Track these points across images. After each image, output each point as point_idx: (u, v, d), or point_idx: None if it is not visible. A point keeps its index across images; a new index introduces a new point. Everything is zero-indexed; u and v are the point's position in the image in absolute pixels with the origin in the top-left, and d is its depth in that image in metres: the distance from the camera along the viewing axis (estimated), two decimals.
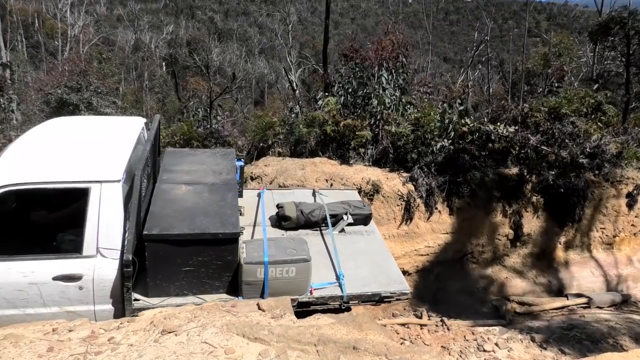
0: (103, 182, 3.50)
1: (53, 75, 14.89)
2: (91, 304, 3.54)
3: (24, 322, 3.37)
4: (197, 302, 3.70)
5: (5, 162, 3.58)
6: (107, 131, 4.44)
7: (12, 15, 29.09)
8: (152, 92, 32.25)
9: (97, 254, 3.51)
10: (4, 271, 3.36)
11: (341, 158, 8.58)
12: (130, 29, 42.22)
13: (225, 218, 3.82)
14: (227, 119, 10.76)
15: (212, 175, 4.61)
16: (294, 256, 3.85)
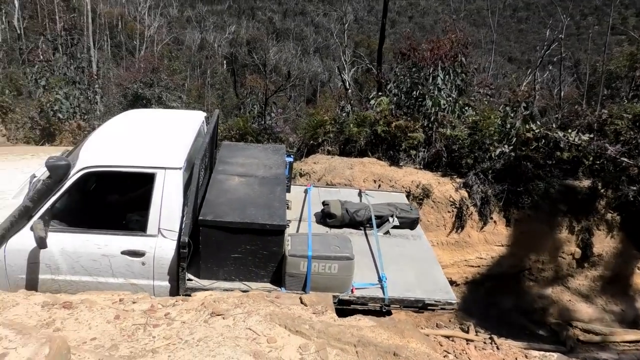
0: (167, 169, 3.78)
1: (130, 72, 15.87)
2: (151, 279, 3.84)
3: (96, 289, 3.72)
4: (242, 288, 3.85)
5: (87, 148, 3.96)
6: (172, 123, 4.78)
7: (101, 18, 31.19)
8: (213, 88, 33.46)
9: (158, 234, 3.80)
10: (82, 242, 3.74)
11: (391, 159, 8.50)
12: (197, 30, 43.89)
13: (274, 210, 3.95)
14: (280, 116, 10.99)
15: (263, 168, 4.77)
16: (337, 253, 3.89)
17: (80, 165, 3.73)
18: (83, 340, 2.84)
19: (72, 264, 3.76)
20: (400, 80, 9.78)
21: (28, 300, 3.34)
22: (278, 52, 39.28)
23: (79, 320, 3.09)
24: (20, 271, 3.72)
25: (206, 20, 46.48)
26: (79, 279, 3.80)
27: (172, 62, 18.79)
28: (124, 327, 3.01)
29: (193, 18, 47.73)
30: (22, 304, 3.27)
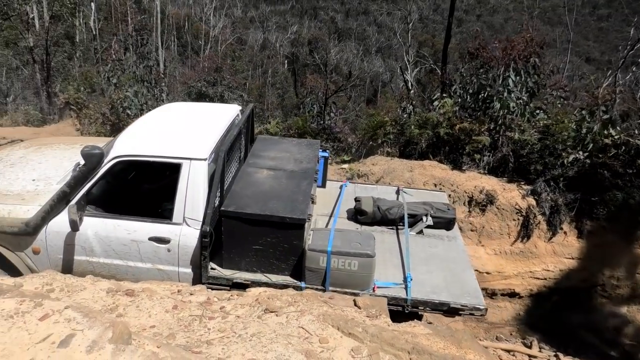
0: (192, 160, 3.94)
1: (195, 71, 16.56)
2: (176, 265, 4.03)
3: (126, 272, 4.02)
4: (263, 280, 3.94)
5: (121, 138, 4.23)
6: (206, 116, 4.98)
7: (169, 19, 32.91)
8: (273, 87, 34.18)
9: (183, 222, 3.97)
10: (114, 227, 3.98)
11: (453, 163, 8.30)
12: (259, 30, 45.00)
13: (296, 204, 3.99)
14: (340, 116, 11.03)
15: (293, 163, 4.83)
16: (358, 250, 3.85)
17: (112, 154, 3.99)
18: (143, 327, 2.99)
19: (104, 248, 4.03)
20: (467, 81, 9.52)
21: (94, 286, 3.56)
22: (339, 52, 39.43)
23: (139, 307, 3.27)
24: (59, 251, 4.03)
25: (269, 20, 47.52)
26: (111, 261, 4.06)
27: (235, 62, 19.42)
28: (181, 317, 3.13)
29: (256, 18, 48.94)
30: (89, 289, 3.50)
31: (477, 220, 7.49)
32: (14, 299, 2.53)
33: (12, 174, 4.52)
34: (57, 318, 2.37)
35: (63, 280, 3.59)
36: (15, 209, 4.00)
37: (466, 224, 7.49)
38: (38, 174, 4.52)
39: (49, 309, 2.44)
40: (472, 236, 7.54)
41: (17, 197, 4.13)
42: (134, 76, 11.51)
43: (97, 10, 30.48)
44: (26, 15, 19.59)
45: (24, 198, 4.12)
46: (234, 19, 45.72)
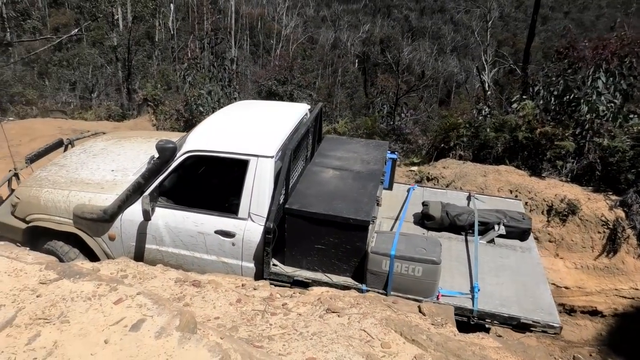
0: (259, 157, 4.06)
1: (266, 70, 17.04)
2: (239, 259, 4.17)
3: (192, 263, 4.22)
4: (324, 279, 3.96)
5: (194, 134, 4.44)
6: (275, 114, 5.12)
7: (242, 19, 34.16)
8: (343, 87, 34.36)
9: (248, 218, 4.10)
10: (182, 219, 4.20)
11: (531, 169, 7.90)
12: (331, 29, 45.40)
13: (361, 206, 3.97)
14: (410, 117, 10.86)
15: (360, 163, 4.82)
16: (423, 255, 3.76)
17: (185, 148, 4.20)
18: (207, 318, 3.11)
19: (173, 238, 4.25)
20: (550, 82, 9.02)
21: (164, 275, 3.78)
22: (412, 51, 38.90)
23: (205, 299, 3.42)
24: (132, 239, 4.31)
25: (341, 19, 47.75)
26: (179, 251, 4.28)
27: (306, 61, 19.76)
28: (244, 311, 3.23)
29: (328, 17, 49.39)
30: (159, 277, 3.71)
31: (556, 230, 7.09)
32: (92, 282, 2.73)
33: (93, 164, 4.88)
34: (129, 303, 2.54)
35: (136, 267, 3.83)
36: (95, 197, 4.32)
37: (544, 234, 7.12)
38: (117, 165, 4.87)
39: (122, 294, 2.61)
40: (550, 247, 7.16)
41: (97, 186, 4.46)
42: (209, 74, 12.00)
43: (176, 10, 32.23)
44: (112, 16, 21.08)
45: (103, 187, 4.45)
46: (306, 18, 46.45)
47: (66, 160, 5.07)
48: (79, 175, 4.66)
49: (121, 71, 21.01)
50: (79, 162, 4.99)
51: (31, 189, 4.52)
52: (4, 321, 2.35)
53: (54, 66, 24.39)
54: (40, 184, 4.56)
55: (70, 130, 10.68)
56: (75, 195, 4.36)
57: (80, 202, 4.30)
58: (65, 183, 4.53)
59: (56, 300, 2.53)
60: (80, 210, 4.25)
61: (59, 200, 4.35)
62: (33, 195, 4.45)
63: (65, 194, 4.37)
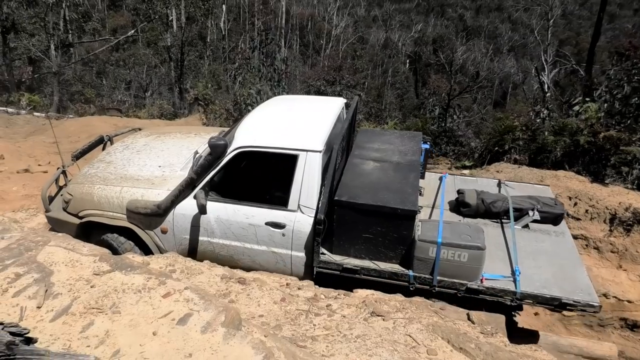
0: (308, 151, 4.21)
1: (315, 70, 17.18)
2: (289, 249, 4.31)
3: (242, 254, 4.41)
4: (371, 267, 4.08)
5: (241, 130, 4.60)
6: (315, 108, 5.29)
7: (293, 19, 34.66)
8: (393, 87, 34.09)
9: (297, 209, 4.25)
10: (233, 212, 4.36)
11: (593, 175, 7.57)
12: (382, 28, 45.15)
13: (406, 196, 4.12)
14: (463, 119, 10.63)
15: (398, 155, 4.96)
16: (468, 242, 3.88)
17: (235, 144, 4.35)
18: (252, 315, 3.18)
19: (224, 230, 4.41)
20: (615, 85, 8.60)
21: (210, 271, 3.92)
22: (467, 51, 38.04)
23: (250, 296, 3.51)
24: (185, 232, 4.50)
25: (392, 18, 47.38)
26: (230, 243, 4.44)
27: (355, 61, 19.79)
28: (288, 310, 3.28)
29: (379, 17, 49.09)
30: (206, 273, 3.86)
31: (620, 241, 6.76)
32: (142, 275, 2.86)
33: (139, 160, 5.07)
34: (177, 297, 2.64)
35: (183, 262, 4.01)
36: (147, 193, 4.51)
37: (605, 244, 6.80)
38: (163, 160, 5.03)
39: (171, 288, 2.72)
40: (612, 258, 6.82)
41: (148, 182, 4.64)
42: (258, 74, 12.23)
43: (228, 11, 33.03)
44: (166, 17, 21.88)
45: (153, 182, 4.63)
46: (357, 18, 46.37)
47: (112, 157, 5.26)
48: (128, 172, 4.85)
49: (174, 71, 21.77)
50: (125, 158, 5.18)
51: (83, 186, 4.72)
52: (61, 309, 2.50)
53: (111, 66, 25.61)
54: (91, 181, 4.76)
55: (124, 127, 11.18)
56: (127, 191, 4.55)
57: (133, 198, 4.49)
58: (116, 179, 4.73)
59: (108, 291, 2.67)
60: (134, 205, 4.43)
61: (112, 197, 4.55)
62: (86, 192, 4.66)
63: (117, 190, 4.57)
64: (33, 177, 7.62)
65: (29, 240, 3.18)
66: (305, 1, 45.69)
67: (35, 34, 18.57)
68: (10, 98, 15.00)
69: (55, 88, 17.02)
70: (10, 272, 2.77)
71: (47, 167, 8.02)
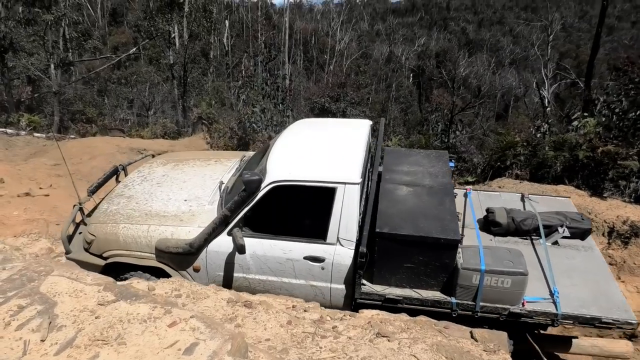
0: (347, 184, 4.17)
1: (319, 87, 17.33)
2: (329, 282, 4.27)
3: (280, 288, 4.33)
4: (413, 295, 4.07)
5: (273, 162, 4.49)
6: (343, 134, 5.16)
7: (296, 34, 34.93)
8: (397, 102, 34.27)
9: (337, 242, 4.21)
10: (270, 247, 4.30)
11: (592, 189, 7.66)
12: (385, 42, 45.49)
13: (446, 223, 4.08)
14: (466, 134, 10.72)
15: (429, 177, 4.90)
16: (511, 268, 3.90)
17: (269, 179, 4.27)
18: (258, 340, 3.24)
19: (260, 265, 4.35)
20: (614, 99, 8.70)
21: (216, 295, 3.90)
22: (469, 65, 38.27)
23: (256, 320, 3.53)
24: (218, 269, 4.42)
25: (396, 32, 47.77)
26: (266, 278, 4.37)
27: (359, 77, 19.97)
28: (294, 333, 3.34)
29: (383, 31, 49.53)
30: (212, 297, 3.84)
31: (618, 253, 6.82)
32: (147, 304, 2.89)
33: (162, 194, 4.89)
34: (183, 326, 2.68)
35: (189, 287, 3.96)
36: (177, 231, 4.37)
37: (604, 257, 6.87)
38: (187, 193, 4.87)
39: (177, 317, 2.76)
40: (611, 270, 6.89)
41: (176, 219, 4.49)
42: (262, 92, 12.36)
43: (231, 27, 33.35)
44: (168, 35, 22.07)
45: (182, 219, 4.48)
46: (360, 32, 46.76)
47: (131, 191, 5.07)
48: (153, 207, 4.69)
49: (177, 89, 21.90)
50: (146, 192, 5.00)
51: (106, 226, 4.55)
52: (65, 342, 2.52)
53: (112, 84, 25.71)
54: (115, 220, 4.58)
55: (128, 148, 11.16)
56: (155, 229, 4.41)
57: (162, 237, 4.36)
58: (141, 217, 4.57)
59: (113, 322, 2.69)
60: (164, 244, 4.31)
61: (139, 236, 4.41)
62: (110, 232, 4.49)
63: (144, 229, 4.43)
64: (34, 201, 7.50)
65: (31, 270, 3.17)
66: (309, 16, 46.19)
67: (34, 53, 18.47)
68: (9, 119, 14.77)
69: (55, 108, 16.98)
70: (12, 304, 2.77)
71: (49, 190, 7.93)
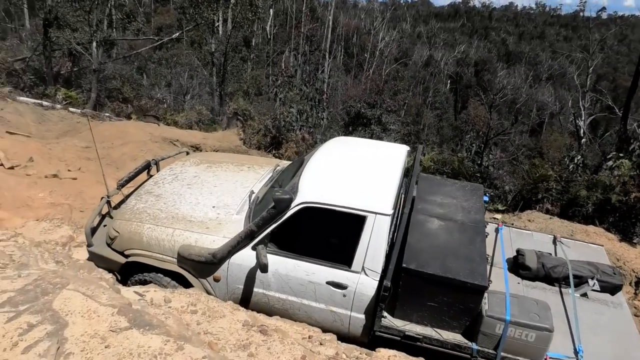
0: (377, 214, 4.09)
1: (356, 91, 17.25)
2: (349, 310, 4.21)
3: (299, 309, 4.28)
4: (434, 336, 4.00)
5: (304, 182, 4.43)
6: (380, 160, 5.06)
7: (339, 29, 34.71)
8: (432, 107, 33.89)
9: (362, 271, 4.14)
10: (293, 267, 4.26)
11: (622, 233, 7.45)
12: (426, 46, 44.94)
13: (474, 266, 3.98)
14: (501, 159, 10.56)
15: (461, 212, 4.77)
16: (537, 322, 3.78)
17: (300, 199, 4.19)
18: None
19: (281, 284, 4.31)
20: None
21: (232, 315, 3.83)
22: (506, 76, 37.52)
23: (270, 350, 3.45)
24: (239, 282, 4.39)
25: (437, 37, 47.17)
26: (286, 297, 4.31)
27: (397, 82, 19.82)
28: None
29: (424, 34, 48.96)
30: (227, 317, 3.77)
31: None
32: (160, 336, 2.81)
33: (191, 197, 4.86)
34: None
35: (206, 302, 3.91)
36: (202, 238, 4.35)
37: (629, 308, 6.72)
38: (216, 199, 4.83)
39: (188, 356, 2.71)
40: (636, 322, 6.74)
41: (202, 225, 4.47)
42: (300, 93, 12.39)
43: (275, 16, 33.34)
44: (212, 23, 22.10)
45: (208, 227, 4.45)
46: (402, 34, 46.28)
47: (161, 189, 5.06)
48: (180, 210, 4.67)
49: (215, 76, 22.00)
50: (175, 192, 4.99)
51: (131, 224, 4.55)
52: None
53: (152, 63, 25.91)
54: (140, 219, 4.59)
55: (160, 137, 10.91)
56: (180, 234, 4.39)
57: (186, 243, 4.34)
58: (167, 219, 4.56)
59: (123, 355, 2.61)
60: (187, 251, 4.29)
61: (162, 239, 4.40)
62: (134, 231, 4.49)
63: (169, 233, 4.41)
64: (61, 184, 7.34)
65: (46, 281, 3.09)
66: (352, 12, 45.87)
67: (78, 28, 18.47)
68: (46, 91, 14.81)
69: (93, 85, 16.96)
70: (23, 321, 2.69)
71: (77, 173, 7.76)
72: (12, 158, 7.74)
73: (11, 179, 6.92)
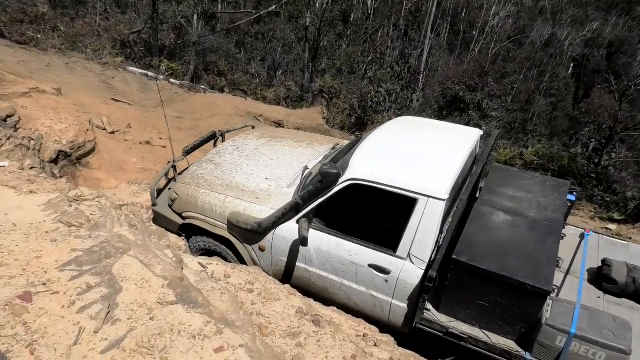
0: (430, 198, 3.94)
1: (456, 71, 16.50)
2: (390, 297, 4.18)
3: (339, 289, 4.38)
4: (481, 337, 3.79)
5: (357, 159, 4.42)
6: (445, 142, 4.89)
7: (446, 4, 33.50)
8: (546, 94, 31.63)
9: (407, 258, 4.07)
10: (336, 245, 4.32)
11: None
12: (549, 23, 41.84)
13: (539, 268, 3.68)
14: (626, 159, 9.44)
15: (536, 208, 4.48)
16: (610, 341, 3.35)
17: (348, 175, 4.21)
18: None
19: (323, 261, 4.40)
20: None
21: (288, 300, 4.00)
22: None
23: (320, 343, 3.49)
24: (282, 254, 4.57)
25: (564, 12, 43.54)
26: (327, 275, 4.42)
27: (507, 63, 18.65)
28: None
29: (549, 9, 45.45)
30: (282, 301, 3.94)
31: None
32: (202, 316, 2.94)
33: (247, 168, 5.21)
34: (228, 355, 2.69)
35: (264, 282, 4.14)
36: (250, 207, 4.64)
37: None
38: (270, 172, 5.11)
39: (226, 341, 2.78)
40: None
41: (252, 195, 4.77)
42: (391, 72, 12.08)
43: None
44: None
45: (258, 197, 4.74)
46: (520, 8, 43.40)
47: (221, 159, 5.46)
48: (234, 179, 5.01)
49: (308, 52, 22.37)
50: (234, 162, 5.35)
51: (189, 188, 4.97)
52: (114, 340, 2.65)
53: (250, 37, 26.96)
54: (197, 184, 4.99)
55: (245, 112, 11.78)
56: (231, 201, 4.71)
57: (235, 210, 4.65)
58: (222, 186, 4.91)
59: (164, 329, 2.78)
60: (236, 218, 4.58)
61: (215, 204, 4.74)
62: (191, 194, 4.90)
63: (221, 199, 4.75)
64: (152, 151, 8.18)
65: (111, 245, 3.41)
66: None
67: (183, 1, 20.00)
68: (151, 62, 16.48)
69: (192, 57, 18.24)
70: (83, 281, 2.98)
71: (167, 142, 8.26)
72: (114, 124, 8.79)
73: (111, 143, 7.87)
